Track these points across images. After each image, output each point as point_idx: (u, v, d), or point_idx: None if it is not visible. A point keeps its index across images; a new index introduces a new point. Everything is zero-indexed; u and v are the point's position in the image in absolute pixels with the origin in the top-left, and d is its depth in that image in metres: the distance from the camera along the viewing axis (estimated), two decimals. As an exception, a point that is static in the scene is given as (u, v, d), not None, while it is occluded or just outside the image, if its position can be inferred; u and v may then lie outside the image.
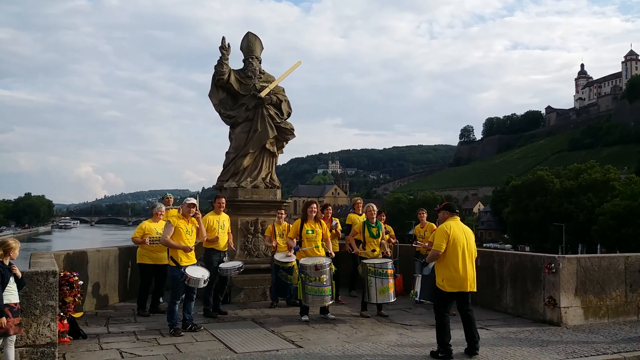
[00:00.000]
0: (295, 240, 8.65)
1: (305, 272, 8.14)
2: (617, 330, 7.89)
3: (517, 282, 8.82)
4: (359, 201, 10.87)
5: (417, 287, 7.53)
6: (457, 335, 6.56)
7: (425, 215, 10.42)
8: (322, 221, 8.90)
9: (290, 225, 9.37)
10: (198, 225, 7.85)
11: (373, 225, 8.91)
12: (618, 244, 56.35)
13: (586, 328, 7.94)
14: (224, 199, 8.88)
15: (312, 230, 8.53)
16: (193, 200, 7.89)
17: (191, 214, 7.74)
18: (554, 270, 8.10)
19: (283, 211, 10.20)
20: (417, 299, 7.28)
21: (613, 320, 8.46)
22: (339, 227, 10.27)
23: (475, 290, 6.44)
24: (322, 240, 8.65)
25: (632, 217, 56.42)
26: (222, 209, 8.77)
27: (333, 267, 8.35)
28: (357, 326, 7.98)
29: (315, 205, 8.80)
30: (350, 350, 6.57)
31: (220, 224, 8.63)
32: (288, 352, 6.43)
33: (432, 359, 6.26)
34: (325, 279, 8.11)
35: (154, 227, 8.80)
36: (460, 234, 6.43)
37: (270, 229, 9.70)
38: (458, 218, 6.68)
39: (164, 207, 9.38)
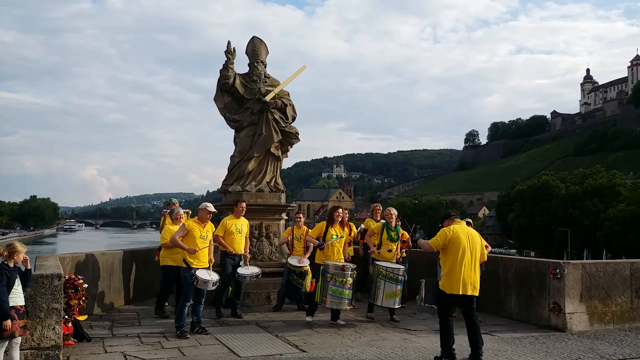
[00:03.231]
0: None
1: (330, 272, 8.11)
2: (623, 336, 7.85)
3: (522, 288, 8.79)
4: (378, 207, 10.77)
5: (422, 292, 7.50)
6: (462, 340, 6.54)
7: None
8: (347, 227, 8.93)
9: (309, 230, 9.38)
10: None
11: (392, 228, 8.93)
12: (624, 249, 56.06)
13: (591, 334, 7.91)
14: (244, 203, 8.96)
15: (337, 235, 8.53)
16: (213, 209, 7.94)
17: (207, 219, 7.83)
18: (559, 276, 8.07)
19: (302, 214, 10.25)
20: (423, 304, 7.24)
21: (618, 326, 8.41)
22: (354, 231, 10.31)
23: (477, 294, 6.42)
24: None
25: (638, 222, 56.13)
26: (242, 213, 8.85)
27: (355, 272, 8.37)
28: (361, 331, 7.97)
29: (341, 210, 8.81)
30: (354, 355, 6.56)
31: (238, 227, 8.71)
32: (292, 357, 6.42)
33: (436, 364, 6.24)
34: (350, 282, 8.13)
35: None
36: (463, 236, 6.41)
37: (289, 231, 9.75)
38: (463, 222, 6.68)
39: (182, 211, 9.42)
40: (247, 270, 8.61)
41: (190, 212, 9.97)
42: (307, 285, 8.97)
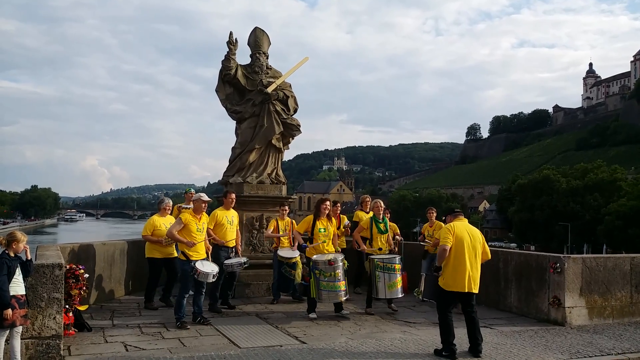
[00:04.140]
0: (302, 234, 8.69)
1: (318, 268, 8.11)
2: (622, 331, 7.87)
3: (522, 282, 8.80)
4: (367, 198, 10.86)
5: (422, 286, 7.53)
6: (462, 333, 6.55)
7: (435, 214, 10.36)
8: (334, 219, 8.94)
9: (293, 221, 9.38)
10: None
11: (380, 221, 8.93)
12: (624, 244, 56.07)
13: (591, 328, 7.93)
14: (234, 195, 8.89)
15: (324, 228, 8.54)
16: (207, 198, 7.91)
17: (203, 210, 7.78)
18: (559, 270, 8.08)
19: (287, 207, 10.20)
20: (421, 297, 7.25)
21: (618, 320, 8.44)
22: (348, 224, 10.32)
23: (477, 291, 6.43)
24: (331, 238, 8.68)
25: (638, 217, 56.09)
26: (232, 205, 8.77)
27: (345, 262, 8.37)
28: (361, 323, 7.99)
29: (328, 203, 8.83)
30: (354, 347, 6.58)
31: (229, 219, 8.61)
32: (292, 348, 6.44)
33: (436, 357, 6.26)
34: (339, 274, 8.12)
35: (162, 222, 8.80)
36: (464, 233, 6.41)
37: (274, 224, 9.70)
38: (465, 220, 6.66)
39: (171, 202, 9.41)
40: (233, 260, 8.47)
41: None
42: (298, 275, 9.00)
